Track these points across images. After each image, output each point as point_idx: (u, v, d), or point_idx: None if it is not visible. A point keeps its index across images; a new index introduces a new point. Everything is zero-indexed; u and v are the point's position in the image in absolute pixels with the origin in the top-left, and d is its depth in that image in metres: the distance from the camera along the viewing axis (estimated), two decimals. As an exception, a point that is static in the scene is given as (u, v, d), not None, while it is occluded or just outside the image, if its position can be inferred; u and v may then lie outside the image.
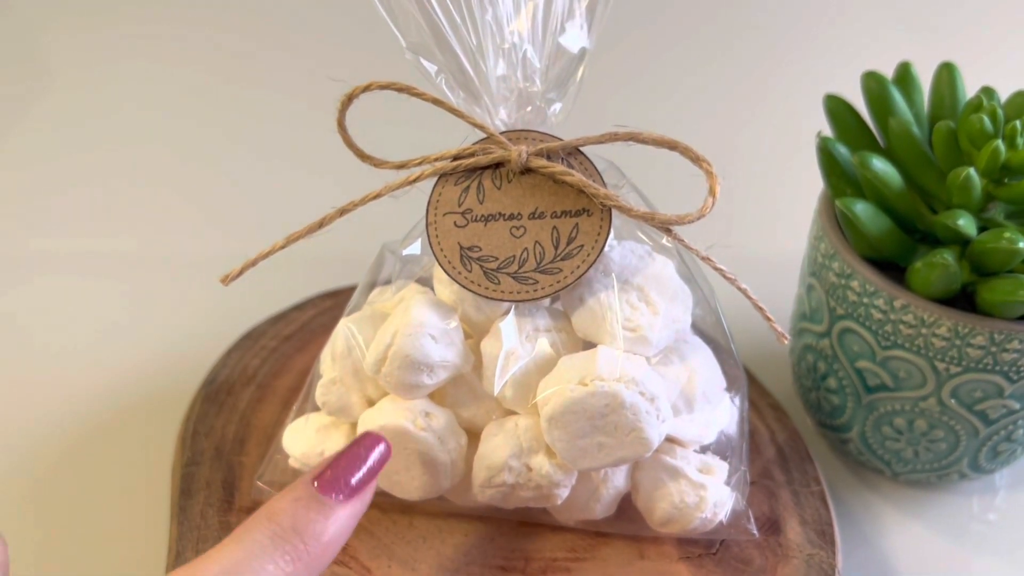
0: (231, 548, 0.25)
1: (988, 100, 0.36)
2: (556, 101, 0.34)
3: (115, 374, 0.46)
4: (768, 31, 0.70)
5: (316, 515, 0.26)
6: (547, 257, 0.32)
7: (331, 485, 0.27)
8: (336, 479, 0.27)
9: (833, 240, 0.38)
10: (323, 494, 0.27)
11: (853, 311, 0.38)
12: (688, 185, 0.32)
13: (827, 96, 0.41)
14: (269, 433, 0.40)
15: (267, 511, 0.26)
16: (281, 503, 0.27)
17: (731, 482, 0.35)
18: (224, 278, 0.33)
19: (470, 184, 0.33)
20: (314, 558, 0.26)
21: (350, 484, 0.28)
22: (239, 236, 0.55)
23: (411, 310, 0.32)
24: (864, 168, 0.36)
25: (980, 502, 0.43)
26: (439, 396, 0.34)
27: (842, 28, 0.70)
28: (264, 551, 0.25)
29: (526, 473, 0.32)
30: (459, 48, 0.33)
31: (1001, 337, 0.35)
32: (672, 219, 0.31)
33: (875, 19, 0.70)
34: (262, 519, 0.26)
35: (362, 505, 0.28)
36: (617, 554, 0.35)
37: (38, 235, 0.55)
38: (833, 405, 0.41)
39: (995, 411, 0.37)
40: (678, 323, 0.33)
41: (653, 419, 0.31)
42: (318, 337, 0.45)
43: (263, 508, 0.27)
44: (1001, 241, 0.34)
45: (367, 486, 0.28)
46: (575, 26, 0.33)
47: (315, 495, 0.27)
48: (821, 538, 0.36)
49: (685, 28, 0.70)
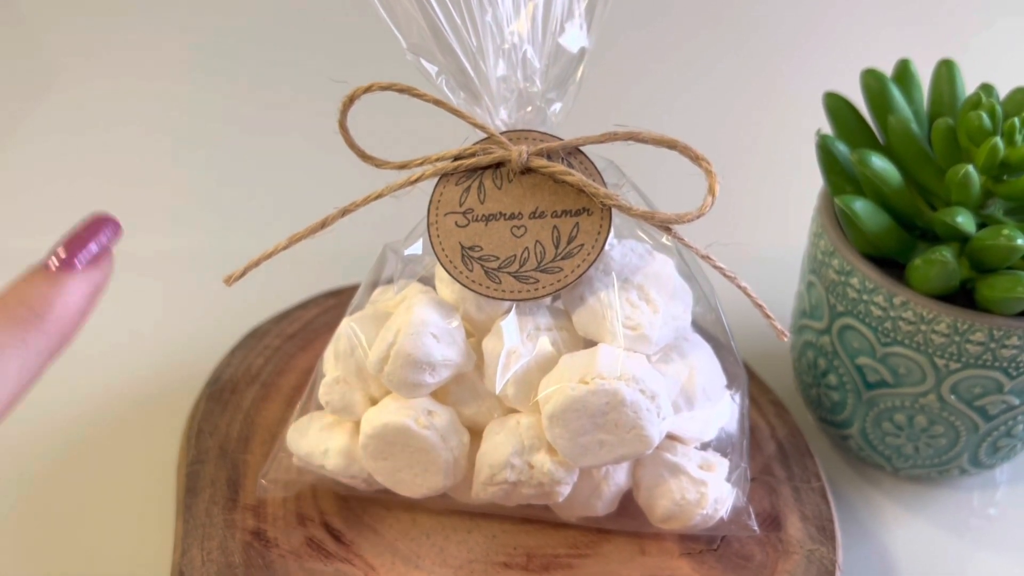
0: None
1: (987, 97, 0.36)
2: (556, 101, 0.34)
3: (120, 374, 0.46)
4: (767, 29, 0.70)
5: (44, 286, 0.25)
6: (548, 256, 0.32)
7: (60, 262, 0.26)
8: (63, 254, 0.26)
9: (833, 237, 0.38)
10: (52, 270, 0.26)
11: (853, 308, 0.38)
12: (688, 184, 0.32)
13: (826, 94, 0.41)
14: (273, 432, 0.40)
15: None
16: (9, 285, 0.25)
17: (732, 478, 0.35)
18: (227, 278, 0.34)
19: (471, 184, 0.33)
20: (47, 325, 0.25)
21: (78, 260, 0.26)
22: (242, 236, 0.55)
23: (413, 309, 0.32)
24: (863, 165, 0.36)
25: (980, 497, 0.43)
26: (441, 394, 0.34)
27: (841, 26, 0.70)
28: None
29: (528, 471, 0.32)
30: (459, 49, 0.33)
31: (1000, 333, 0.35)
32: (672, 218, 0.32)
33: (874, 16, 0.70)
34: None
35: (99, 277, 0.27)
36: (618, 550, 0.36)
37: (39, 235, 0.55)
38: (833, 401, 0.41)
39: (995, 407, 0.37)
40: (678, 321, 0.33)
41: (654, 416, 0.31)
42: (321, 336, 0.45)
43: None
44: (1000, 238, 0.34)
45: (101, 260, 0.27)
46: (574, 26, 0.33)
47: (41, 272, 0.26)
48: (822, 534, 0.36)
49: (684, 27, 0.70)
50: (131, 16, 0.69)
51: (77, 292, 0.26)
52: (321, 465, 0.35)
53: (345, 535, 0.36)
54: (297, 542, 0.35)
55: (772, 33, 0.70)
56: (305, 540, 0.35)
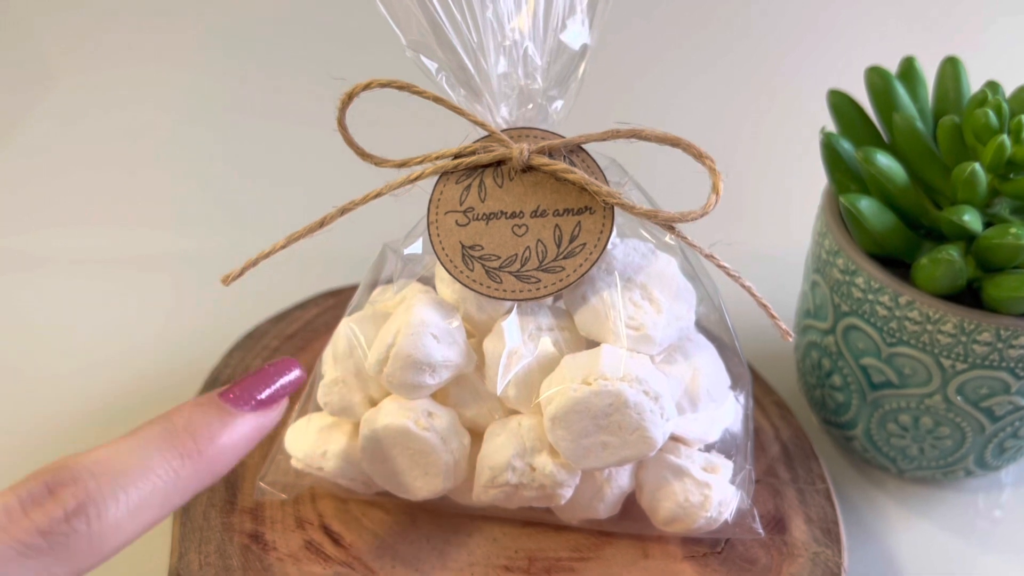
0: (121, 439, 0.24)
1: (993, 94, 0.36)
2: (558, 98, 0.34)
3: (117, 374, 0.46)
4: (771, 26, 0.70)
5: (213, 419, 0.26)
6: (549, 255, 0.32)
7: (236, 397, 0.26)
8: (242, 391, 0.27)
9: (837, 236, 0.38)
10: (226, 403, 0.26)
11: (858, 308, 0.37)
12: (691, 182, 0.32)
13: (831, 91, 0.41)
14: (271, 433, 0.40)
15: (167, 413, 0.26)
16: (182, 406, 0.26)
17: (736, 481, 0.34)
18: (225, 278, 0.33)
19: (472, 182, 0.33)
20: (205, 461, 0.25)
21: (255, 397, 0.27)
22: (240, 235, 0.55)
23: (413, 309, 0.32)
24: (868, 164, 0.36)
25: (986, 499, 0.43)
26: (442, 396, 0.34)
27: (846, 23, 0.70)
28: (152, 444, 0.24)
29: (529, 473, 0.32)
30: (460, 46, 0.33)
31: (1007, 333, 0.34)
32: (675, 216, 0.31)
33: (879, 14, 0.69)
34: (159, 418, 0.25)
35: (267, 420, 0.27)
36: (621, 553, 0.35)
37: (38, 235, 0.55)
38: (838, 402, 0.41)
39: (1001, 407, 0.37)
40: (682, 321, 0.33)
41: (657, 418, 0.31)
42: (320, 336, 0.45)
43: (165, 412, 0.26)
44: (1007, 237, 0.33)
45: (274, 403, 0.27)
46: (576, 23, 0.33)
47: (216, 402, 0.26)
48: (827, 536, 0.36)
49: (687, 24, 0.70)
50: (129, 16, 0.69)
51: (241, 433, 0.26)
52: (320, 467, 0.34)
53: (344, 538, 0.35)
54: (295, 545, 0.35)
55: (776, 30, 0.69)
56: (304, 543, 0.35)
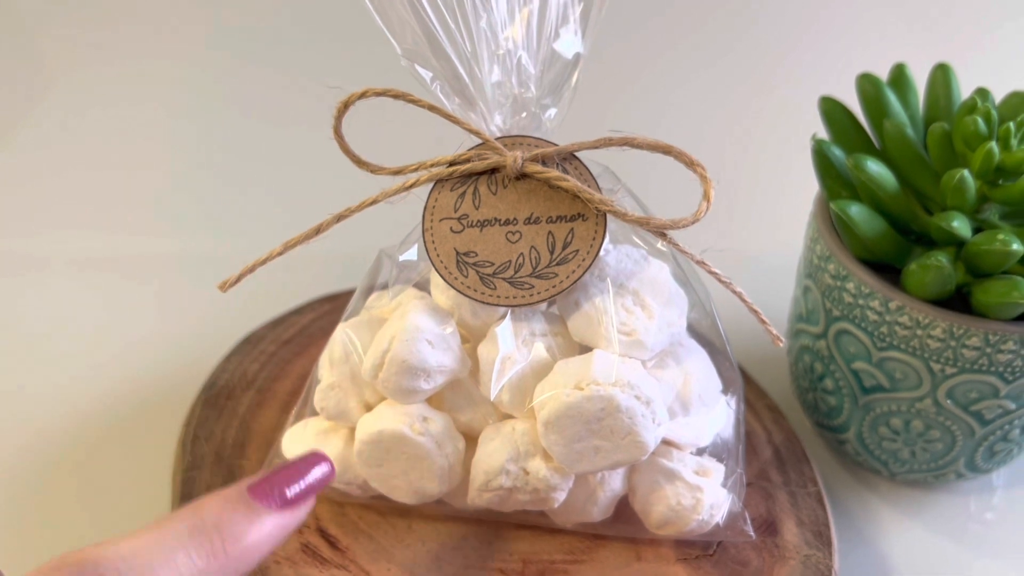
0: (146, 532, 0.24)
1: (983, 101, 0.37)
2: (551, 106, 0.34)
3: (115, 379, 0.46)
4: (762, 34, 0.70)
5: (241, 517, 0.25)
6: (543, 262, 0.32)
7: (265, 493, 0.26)
8: (271, 488, 0.27)
9: (828, 242, 0.38)
10: (254, 499, 0.26)
11: (849, 313, 0.38)
12: (683, 189, 0.32)
13: (822, 98, 0.41)
14: (269, 437, 0.40)
15: (194, 505, 0.25)
16: (210, 500, 0.26)
17: (727, 484, 0.35)
18: (222, 285, 0.33)
19: (466, 190, 0.33)
20: (231, 559, 0.25)
21: (284, 495, 0.27)
22: (237, 241, 0.55)
23: (408, 315, 0.32)
24: (859, 170, 0.36)
25: (977, 502, 0.43)
26: (436, 401, 0.34)
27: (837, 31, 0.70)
28: (178, 540, 0.24)
29: (523, 477, 0.32)
30: (454, 54, 0.33)
31: (996, 338, 0.35)
32: (667, 223, 0.31)
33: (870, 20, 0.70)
34: (187, 511, 0.25)
35: (293, 519, 0.27)
36: (614, 556, 0.36)
37: (36, 238, 0.55)
38: (830, 406, 0.41)
39: (991, 411, 0.37)
40: (673, 327, 0.33)
41: (649, 422, 0.31)
42: (317, 341, 0.45)
43: (192, 502, 0.26)
44: (995, 243, 0.34)
45: (303, 501, 0.27)
46: (569, 32, 0.33)
47: (245, 498, 0.26)
48: (818, 539, 0.36)
49: (679, 32, 0.70)
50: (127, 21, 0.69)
51: (267, 532, 0.26)
52: (316, 471, 0.35)
53: (340, 541, 0.36)
54: (292, 548, 0.35)
55: (767, 38, 0.70)
56: (300, 546, 0.35)
